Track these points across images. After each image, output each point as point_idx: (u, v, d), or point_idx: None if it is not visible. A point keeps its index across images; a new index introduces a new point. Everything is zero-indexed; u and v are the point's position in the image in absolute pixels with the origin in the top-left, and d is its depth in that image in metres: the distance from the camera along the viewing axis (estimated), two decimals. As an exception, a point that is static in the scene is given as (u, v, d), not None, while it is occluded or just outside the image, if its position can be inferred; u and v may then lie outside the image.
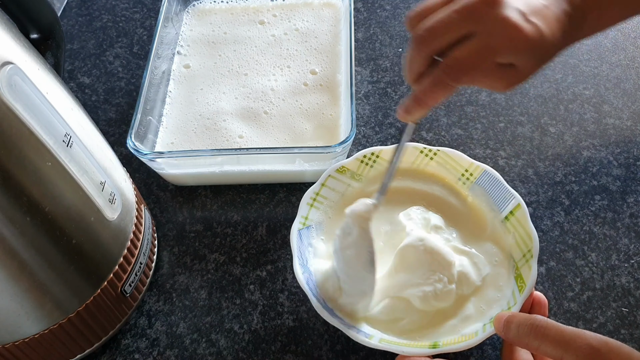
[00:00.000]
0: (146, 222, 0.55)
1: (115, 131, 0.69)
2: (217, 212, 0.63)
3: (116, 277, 0.50)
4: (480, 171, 0.56)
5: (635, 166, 0.64)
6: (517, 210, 0.53)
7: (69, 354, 0.51)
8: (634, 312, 0.54)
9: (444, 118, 0.68)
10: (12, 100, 0.37)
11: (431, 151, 0.58)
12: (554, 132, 0.67)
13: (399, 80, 0.72)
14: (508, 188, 0.54)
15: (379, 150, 0.57)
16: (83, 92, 0.73)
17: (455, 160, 0.57)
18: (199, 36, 0.74)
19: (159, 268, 0.59)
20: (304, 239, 0.53)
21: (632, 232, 0.59)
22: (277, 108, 0.66)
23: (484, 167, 0.56)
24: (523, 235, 0.52)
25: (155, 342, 0.54)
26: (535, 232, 0.52)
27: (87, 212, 0.45)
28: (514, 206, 0.54)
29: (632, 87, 0.70)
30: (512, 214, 0.54)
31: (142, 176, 0.65)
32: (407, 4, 0.81)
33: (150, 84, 0.64)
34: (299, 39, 0.73)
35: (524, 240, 0.52)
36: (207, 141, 0.64)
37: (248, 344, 0.54)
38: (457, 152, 0.57)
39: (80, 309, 0.48)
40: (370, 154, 0.57)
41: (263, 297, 0.56)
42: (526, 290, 0.49)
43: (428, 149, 0.57)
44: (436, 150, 0.57)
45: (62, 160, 0.42)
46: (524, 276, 0.50)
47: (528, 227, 0.52)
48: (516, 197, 0.54)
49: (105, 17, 0.82)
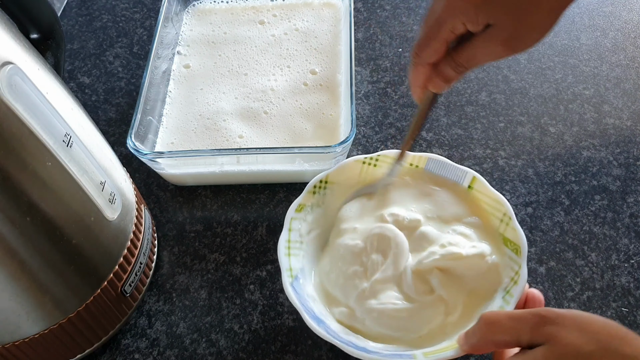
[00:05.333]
0: (146, 222, 0.55)
1: (115, 131, 0.69)
2: (217, 212, 0.63)
3: (116, 277, 0.50)
4: (424, 160, 0.56)
5: (635, 166, 0.64)
6: (474, 183, 0.54)
7: (69, 354, 0.51)
8: (634, 312, 0.54)
9: (444, 118, 0.68)
10: (12, 100, 0.37)
11: (372, 159, 0.57)
12: (554, 132, 0.67)
13: (399, 80, 0.72)
14: (458, 167, 0.55)
15: (326, 176, 0.56)
16: (83, 92, 0.73)
17: (394, 158, 0.56)
18: (199, 36, 0.74)
19: (159, 268, 0.59)
20: (300, 291, 0.50)
21: (632, 232, 0.59)
22: (277, 108, 0.66)
23: (427, 155, 0.56)
24: (491, 202, 0.53)
25: (155, 342, 0.54)
26: (500, 195, 0.53)
27: (87, 212, 0.45)
28: (470, 181, 0.54)
29: (632, 87, 0.70)
30: (471, 187, 0.54)
31: (142, 176, 0.65)
32: (407, 4, 0.81)
33: (150, 84, 0.64)
34: (299, 39, 0.73)
35: (495, 207, 0.53)
36: (207, 141, 0.64)
37: (248, 344, 0.54)
38: (393, 151, 0.56)
39: (80, 309, 0.48)
40: (319, 182, 0.56)
41: (263, 297, 0.56)
42: (523, 253, 0.49)
43: (369, 158, 0.56)
44: (377, 157, 0.57)
45: (62, 160, 0.42)
46: (512, 239, 0.51)
47: (492, 193, 0.53)
48: (469, 172, 0.55)
49: (105, 17, 0.82)
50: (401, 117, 0.69)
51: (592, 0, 0.80)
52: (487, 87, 0.71)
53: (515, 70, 0.73)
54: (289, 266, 0.51)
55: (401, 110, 0.69)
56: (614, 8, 0.79)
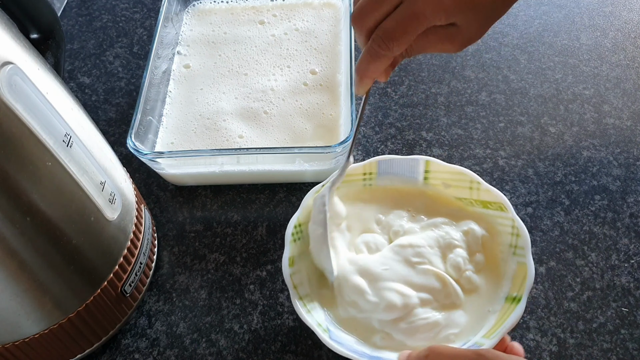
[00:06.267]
0: (146, 222, 0.55)
1: (115, 131, 0.69)
2: (217, 212, 0.63)
3: (116, 277, 0.50)
4: (375, 165, 0.55)
5: (635, 166, 0.64)
6: (430, 166, 0.54)
7: (69, 354, 0.51)
8: (634, 312, 0.54)
9: (444, 118, 0.68)
10: (12, 100, 0.37)
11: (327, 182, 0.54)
12: (554, 132, 0.67)
13: (399, 80, 0.72)
14: (409, 158, 0.54)
15: (297, 219, 0.52)
16: (83, 92, 0.73)
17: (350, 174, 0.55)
18: (199, 36, 0.74)
19: (159, 268, 0.59)
20: (342, 340, 0.48)
21: (632, 232, 0.59)
22: (277, 108, 0.66)
23: (377, 159, 0.55)
24: (454, 177, 0.53)
25: (155, 342, 0.54)
26: (459, 167, 0.53)
27: (87, 212, 0.45)
28: (424, 166, 0.54)
29: (632, 87, 0.70)
30: (429, 172, 0.54)
31: (142, 176, 0.65)
32: (407, 4, 0.81)
33: (150, 84, 0.64)
34: (299, 39, 0.73)
35: (460, 180, 0.53)
36: (207, 141, 0.64)
37: (248, 344, 0.54)
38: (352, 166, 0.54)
39: (80, 309, 0.48)
40: (294, 229, 0.51)
41: (263, 297, 0.56)
42: (507, 206, 0.50)
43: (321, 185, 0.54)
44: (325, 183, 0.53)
45: (62, 160, 0.42)
46: (490, 199, 0.51)
47: (450, 168, 0.53)
48: (420, 158, 0.54)
49: (105, 17, 0.82)
50: (401, 117, 0.69)
51: (592, 0, 0.80)
52: (487, 87, 0.71)
53: (515, 70, 0.73)
54: (317, 322, 0.48)
55: (401, 110, 0.69)
56: (614, 8, 0.79)
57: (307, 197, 0.53)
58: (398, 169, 0.55)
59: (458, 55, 0.74)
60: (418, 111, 0.69)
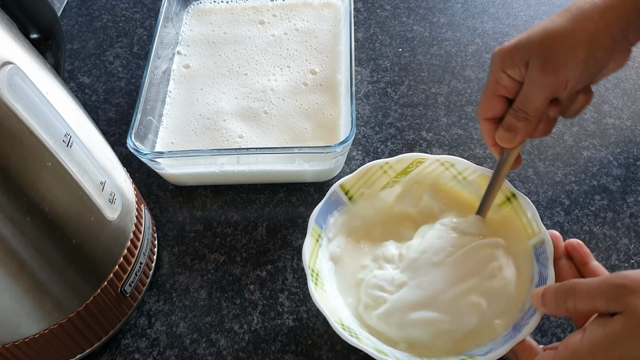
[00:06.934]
0: (146, 222, 0.55)
1: (115, 131, 0.69)
2: (217, 212, 0.63)
3: (116, 277, 0.50)
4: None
5: (635, 166, 0.64)
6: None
7: (69, 354, 0.51)
8: (634, 312, 0.54)
9: (444, 118, 0.68)
10: (12, 100, 0.37)
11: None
12: (553, 132, 0.67)
13: (399, 80, 0.72)
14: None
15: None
16: (83, 92, 0.73)
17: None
18: (199, 36, 0.74)
19: (159, 268, 0.59)
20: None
21: (632, 232, 0.59)
22: (277, 108, 0.66)
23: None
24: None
25: (155, 342, 0.54)
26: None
27: (87, 212, 0.45)
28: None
29: (632, 87, 0.70)
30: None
31: (142, 176, 0.65)
32: (407, 4, 0.81)
33: (150, 84, 0.64)
34: (299, 38, 0.73)
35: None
36: (207, 141, 0.64)
37: (248, 344, 0.54)
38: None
39: (80, 309, 0.48)
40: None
41: (263, 297, 0.56)
42: (518, 196, 0.52)
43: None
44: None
45: (62, 160, 0.42)
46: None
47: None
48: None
49: (105, 17, 0.82)
50: (401, 117, 0.69)
51: (592, 0, 0.80)
52: (487, 87, 0.71)
53: (515, 70, 0.73)
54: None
55: (401, 110, 0.69)
56: (614, 8, 0.79)
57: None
58: None
59: (458, 55, 0.74)
60: (418, 111, 0.69)
